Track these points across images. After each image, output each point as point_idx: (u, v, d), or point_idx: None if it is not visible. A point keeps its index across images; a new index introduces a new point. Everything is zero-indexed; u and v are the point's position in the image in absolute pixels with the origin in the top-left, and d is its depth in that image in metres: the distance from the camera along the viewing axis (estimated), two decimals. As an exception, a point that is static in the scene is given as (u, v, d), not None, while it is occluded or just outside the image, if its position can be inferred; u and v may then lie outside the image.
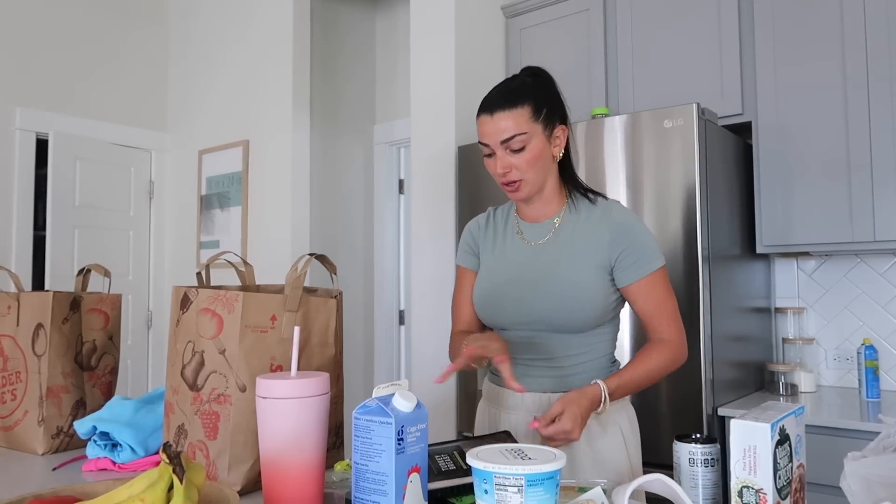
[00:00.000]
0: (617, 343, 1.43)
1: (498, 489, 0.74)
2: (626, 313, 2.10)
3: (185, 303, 1.11)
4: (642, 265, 1.31)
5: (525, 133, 1.29)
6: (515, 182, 1.33)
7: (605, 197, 1.40)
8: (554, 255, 1.35)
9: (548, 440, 1.18)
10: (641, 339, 2.06)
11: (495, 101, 1.31)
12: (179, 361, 1.11)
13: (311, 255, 1.18)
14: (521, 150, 1.30)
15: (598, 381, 1.25)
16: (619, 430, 1.36)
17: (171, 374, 1.13)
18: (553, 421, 1.17)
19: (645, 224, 1.36)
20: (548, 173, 1.36)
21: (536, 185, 1.34)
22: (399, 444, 0.81)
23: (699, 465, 0.94)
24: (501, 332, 1.42)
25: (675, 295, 1.36)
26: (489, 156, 1.34)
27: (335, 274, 1.25)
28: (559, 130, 1.34)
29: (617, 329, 1.41)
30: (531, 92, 1.31)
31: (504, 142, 1.29)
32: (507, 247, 1.43)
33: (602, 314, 1.33)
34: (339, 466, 1.08)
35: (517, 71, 3.04)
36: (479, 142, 1.34)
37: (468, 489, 0.96)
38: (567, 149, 1.38)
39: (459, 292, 1.52)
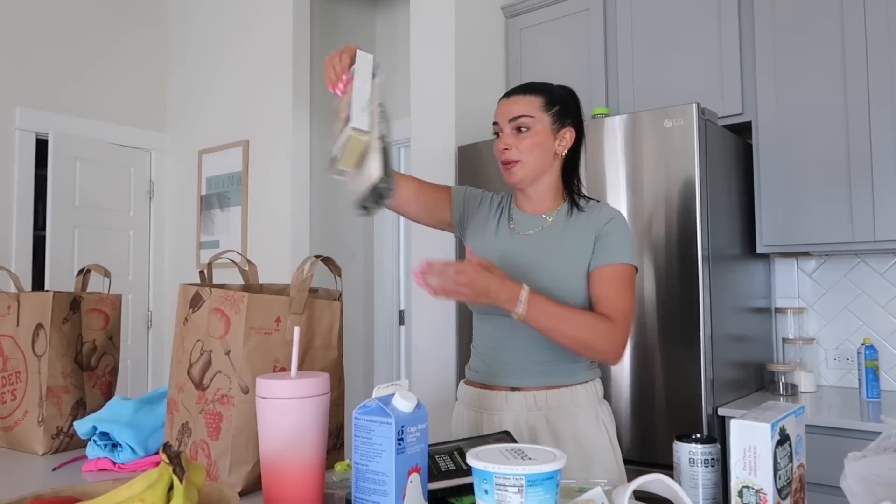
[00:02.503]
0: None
1: (498, 489, 0.74)
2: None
3: (196, 301, 1.11)
4: (611, 253, 1.36)
5: (532, 117, 1.38)
6: (512, 162, 1.39)
7: (597, 201, 1.46)
8: (544, 247, 1.40)
9: (430, 273, 1.18)
10: (641, 343, 2.06)
11: (514, 88, 1.44)
12: (187, 360, 1.11)
13: (317, 256, 1.17)
14: (526, 131, 1.38)
15: (525, 286, 1.24)
16: (605, 429, 1.40)
17: (176, 371, 1.13)
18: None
19: (629, 227, 1.41)
20: (546, 166, 1.41)
21: (532, 171, 1.39)
22: (399, 444, 0.81)
23: (699, 465, 0.94)
24: (486, 318, 1.45)
25: (633, 301, 1.36)
26: (497, 135, 1.42)
27: (339, 276, 1.25)
28: (567, 131, 1.42)
29: None
30: (549, 89, 1.43)
31: (512, 120, 1.38)
32: (499, 234, 1.47)
33: (585, 302, 1.38)
34: (339, 466, 1.08)
35: (517, 71, 3.05)
36: (493, 123, 1.43)
37: (468, 489, 0.96)
38: (575, 156, 1.45)
39: (432, 185, 1.51)
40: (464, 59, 2.71)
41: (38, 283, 3.84)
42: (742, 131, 2.40)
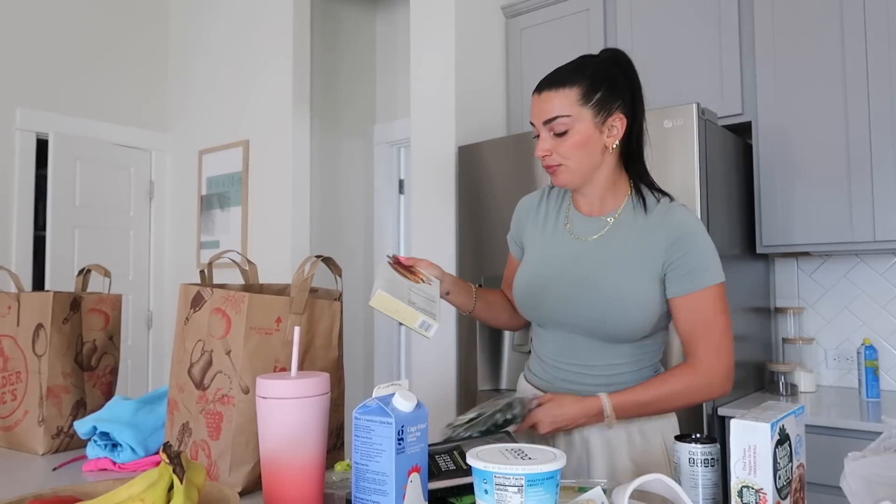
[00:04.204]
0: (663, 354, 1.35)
1: (498, 489, 0.74)
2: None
3: (197, 301, 1.11)
4: (695, 277, 1.19)
5: (568, 116, 1.20)
6: (554, 167, 1.24)
7: (670, 197, 1.27)
8: (604, 255, 1.25)
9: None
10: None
11: (545, 81, 1.24)
12: (187, 360, 1.11)
13: (317, 257, 1.17)
14: (564, 133, 1.21)
15: (602, 395, 1.21)
16: (662, 438, 1.29)
17: (176, 371, 1.13)
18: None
19: (707, 232, 1.23)
20: (597, 164, 1.24)
21: (579, 173, 1.24)
22: (399, 444, 0.81)
23: (699, 465, 0.94)
24: (539, 330, 1.35)
25: (728, 317, 1.21)
26: (536, 137, 1.26)
27: (340, 276, 1.25)
28: (617, 119, 1.23)
29: (664, 340, 1.32)
30: (587, 73, 1.22)
31: (546, 122, 1.22)
32: (555, 238, 1.32)
33: (648, 326, 1.23)
34: (339, 466, 1.08)
35: (517, 71, 3.04)
36: (530, 122, 1.27)
37: (468, 489, 0.96)
38: (637, 141, 1.28)
39: (506, 269, 1.51)
40: (464, 59, 2.71)
41: (38, 283, 3.84)
42: (742, 131, 2.40)
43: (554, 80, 1.23)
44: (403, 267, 1.26)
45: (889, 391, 2.30)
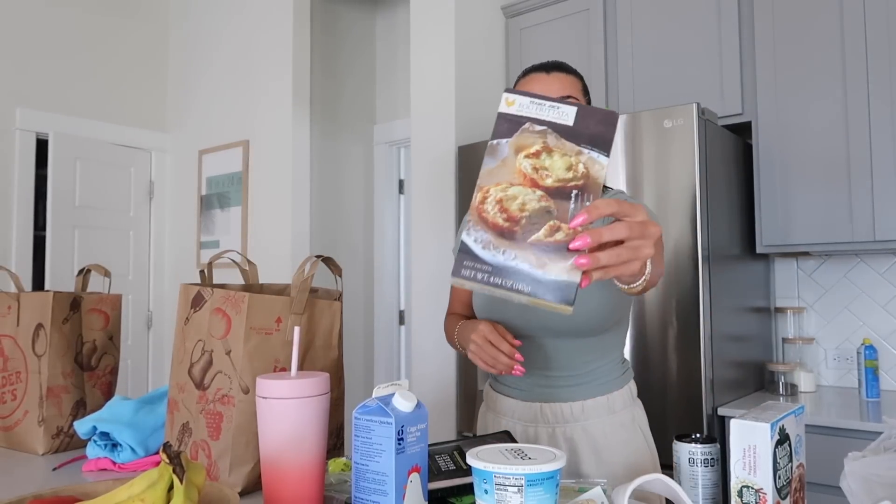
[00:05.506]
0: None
1: (498, 489, 0.74)
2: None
3: (197, 301, 1.11)
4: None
5: (577, 100, 1.25)
6: None
7: (611, 189, 1.37)
8: None
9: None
10: (641, 343, 2.06)
11: (552, 64, 1.29)
12: (188, 359, 1.11)
13: (317, 257, 1.17)
14: None
15: None
16: (640, 429, 1.34)
17: (176, 371, 1.13)
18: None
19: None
20: None
21: None
22: (399, 444, 0.81)
23: (699, 465, 0.94)
24: (514, 334, 1.36)
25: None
26: None
27: (340, 276, 1.25)
28: None
29: (626, 329, 1.37)
30: (580, 75, 1.32)
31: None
32: None
33: (613, 317, 1.28)
34: (332, 466, 1.07)
35: (517, 71, 3.04)
36: None
37: (468, 489, 0.96)
38: None
39: (453, 288, 1.50)
40: (464, 59, 2.71)
41: (38, 283, 3.84)
42: (742, 131, 2.41)
43: (562, 67, 1.29)
44: None
45: (889, 391, 2.30)
